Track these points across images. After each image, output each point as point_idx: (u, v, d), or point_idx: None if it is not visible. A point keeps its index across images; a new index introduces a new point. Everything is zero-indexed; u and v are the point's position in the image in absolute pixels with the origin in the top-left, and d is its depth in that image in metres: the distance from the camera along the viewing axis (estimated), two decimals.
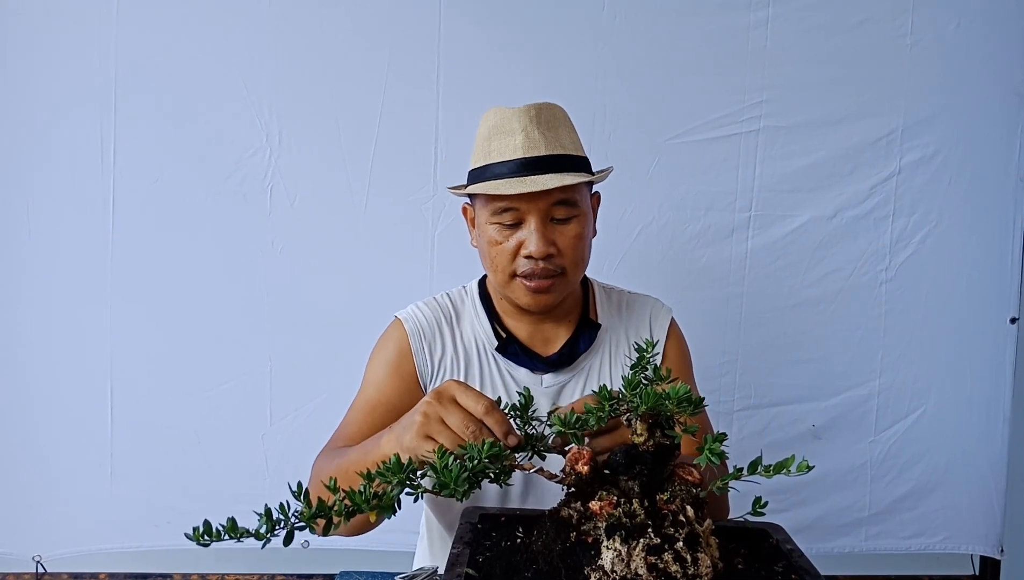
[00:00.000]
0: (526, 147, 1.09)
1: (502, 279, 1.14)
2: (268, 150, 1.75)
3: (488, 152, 1.12)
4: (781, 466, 0.69)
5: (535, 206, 1.08)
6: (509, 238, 1.11)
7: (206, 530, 0.62)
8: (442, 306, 1.25)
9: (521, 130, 1.10)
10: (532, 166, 1.08)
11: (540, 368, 1.20)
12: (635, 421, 0.75)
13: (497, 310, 1.24)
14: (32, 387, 1.79)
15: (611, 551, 0.67)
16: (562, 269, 1.12)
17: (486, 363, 1.21)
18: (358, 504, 0.66)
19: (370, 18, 1.74)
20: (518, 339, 1.21)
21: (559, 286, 1.13)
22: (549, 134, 1.11)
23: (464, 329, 1.23)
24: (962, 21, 1.80)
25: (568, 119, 1.18)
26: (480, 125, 1.17)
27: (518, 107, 1.12)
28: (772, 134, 1.80)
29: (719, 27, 1.78)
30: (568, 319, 1.24)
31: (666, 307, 1.31)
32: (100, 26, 1.71)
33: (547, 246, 1.09)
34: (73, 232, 1.75)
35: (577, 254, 1.13)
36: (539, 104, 1.13)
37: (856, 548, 1.92)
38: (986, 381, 1.89)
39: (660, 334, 1.26)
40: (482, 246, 1.16)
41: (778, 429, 1.88)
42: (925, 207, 1.84)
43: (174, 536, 1.83)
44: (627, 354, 1.24)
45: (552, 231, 1.10)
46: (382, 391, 1.17)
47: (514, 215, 1.10)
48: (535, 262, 1.09)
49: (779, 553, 0.80)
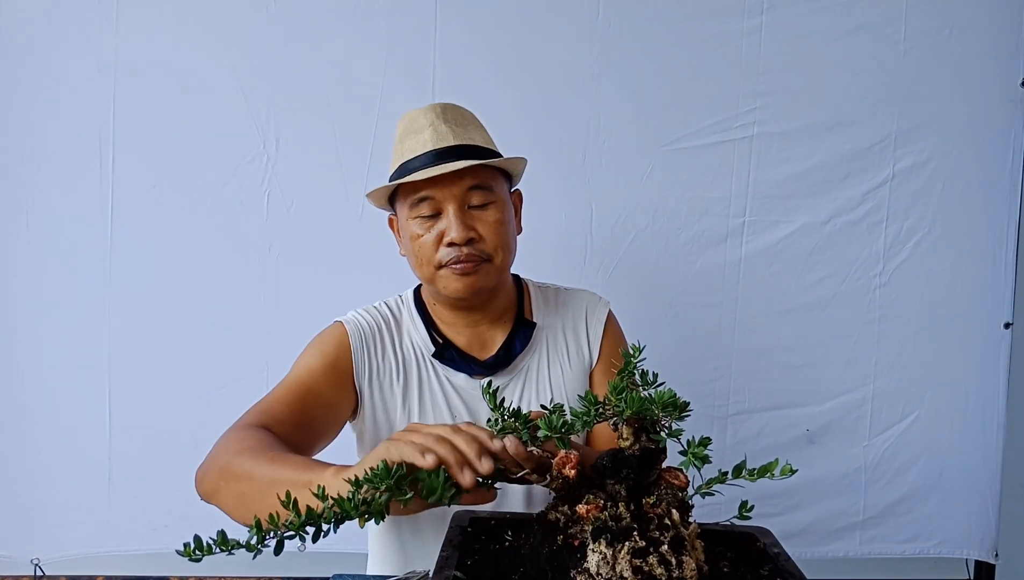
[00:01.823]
0: (435, 140, 1.12)
1: (429, 273, 1.15)
2: (265, 156, 1.77)
3: (401, 153, 1.15)
4: (765, 470, 0.70)
5: (449, 193, 1.10)
6: (430, 229, 1.12)
7: (197, 545, 0.62)
8: (382, 313, 1.26)
9: (429, 125, 1.13)
10: (442, 156, 1.11)
11: (478, 372, 1.21)
12: (621, 425, 0.76)
13: (432, 317, 1.25)
14: (31, 391, 1.80)
15: (597, 554, 0.68)
16: (487, 255, 1.13)
17: (424, 370, 1.22)
18: (347, 511, 0.67)
19: (367, 26, 1.76)
20: (455, 345, 1.23)
21: (486, 270, 1.14)
22: (457, 129, 1.15)
23: (403, 337, 1.24)
24: (954, 28, 1.81)
25: (476, 119, 1.21)
26: (395, 133, 1.20)
27: (424, 106, 1.17)
28: (766, 140, 1.82)
29: (713, 34, 1.79)
30: (503, 320, 1.25)
31: (603, 300, 1.32)
32: (100, 33, 1.72)
33: (466, 231, 1.10)
34: (72, 237, 1.77)
35: (500, 239, 1.14)
36: (445, 104, 1.18)
37: (851, 552, 1.92)
38: (980, 386, 1.90)
39: (597, 327, 1.28)
40: (407, 245, 1.17)
41: (772, 434, 1.89)
42: (919, 213, 1.85)
43: (172, 539, 1.83)
44: (565, 351, 1.26)
45: (470, 217, 1.12)
46: (314, 379, 1.15)
47: (431, 205, 1.11)
48: (458, 249, 1.11)
49: (765, 556, 0.81)
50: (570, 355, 1.26)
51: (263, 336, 1.80)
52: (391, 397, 1.21)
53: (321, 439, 1.13)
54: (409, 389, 1.21)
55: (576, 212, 1.81)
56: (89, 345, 1.78)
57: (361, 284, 1.77)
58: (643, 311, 1.83)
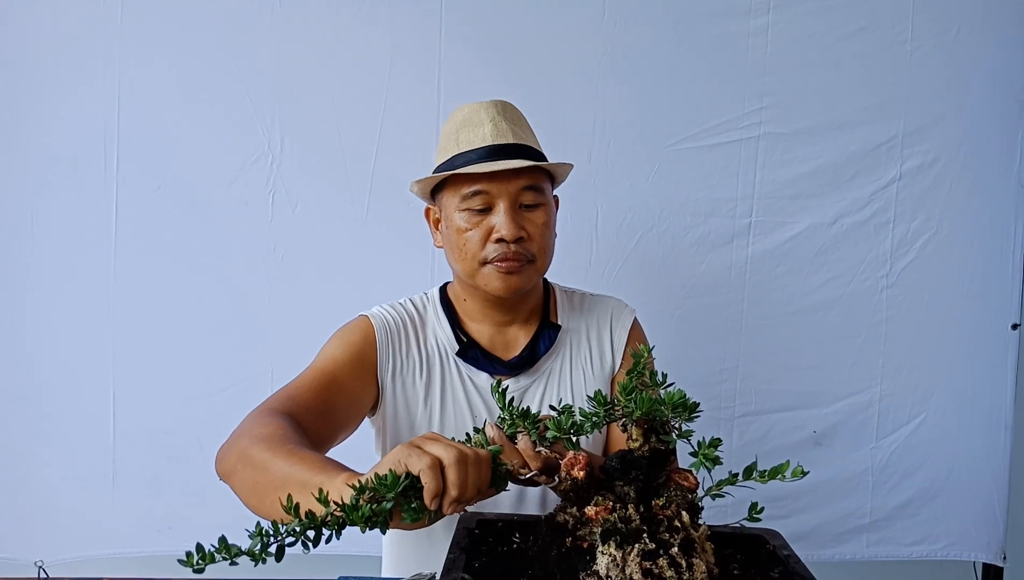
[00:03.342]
0: (495, 135, 1.12)
1: (471, 267, 1.14)
2: (270, 157, 1.76)
3: (457, 142, 1.14)
4: (776, 471, 0.69)
5: (504, 189, 1.10)
6: (479, 225, 1.11)
7: (200, 555, 0.62)
8: (407, 310, 1.25)
9: (489, 120, 1.13)
10: (501, 152, 1.11)
11: (501, 372, 1.20)
12: (631, 426, 0.75)
13: (459, 315, 1.24)
14: (34, 392, 1.79)
15: (606, 556, 0.67)
16: (532, 256, 1.13)
17: (447, 367, 1.21)
18: (352, 519, 0.66)
19: (371, 26, 1.75)
20: (479, 343, 1.22)
21: (528, 272, 1.14)
22: (515, 128, 1.15)
23: (427, 334, 1.24)
24: (962, 27, 1.80)
25: (523, 116, 1.21)
26: (446, 123, 1.20)
27: (484, 101, 1.16)
28: (772, 140, 1.81)
29: (719, 33, 1.78)
30: (529, 322, 1.25)
31: (628, 308, 1.32)
32: (104, 34, 1.72)
33: (518, 229, 1.10)
34: (76, 239, 1.76)
35: (545, 241, 1.15)
36: (503, 101, 1.18)
37: (857, 555, 1.91)
38: (987, 387, 1.89)
39: (622, 333, 1.27)
40: (450, 237, 1.16)
41: (778, 436, 1.88)
42: (926, 213, 1.84)
43: (176, 541, 1.83)
44: (588, 355, 1.25)
45: (521, 217, 1.12)
46: (339, 368, 1.14)
47: (484, 199, 1.10)
48: (507, 246, 1.10)
49: (775, 559, 0.80)
50: (593, 360, 1.26)
51: (268, 338, 1.79)
52: (413, 394, 1.20)
53: (343, 430, 1.12)
54: (432, 386, 1.20)
55: (581, 213, 1.80)
56: (93, 347, 1.78)
57: (366, 285, 1.78)
58: (649, 312, 1.78)
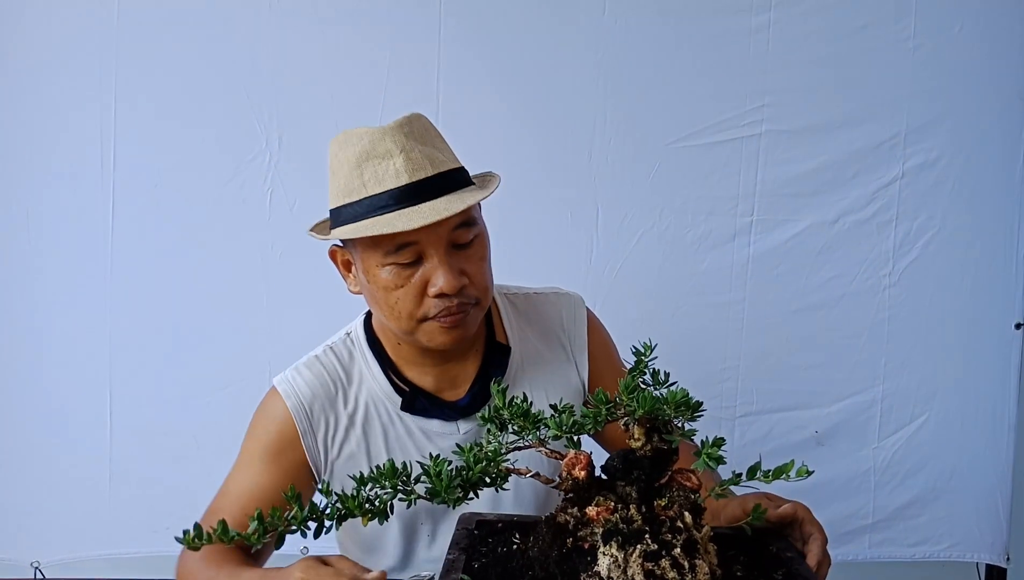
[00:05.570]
0: (409, 169, 0.93)
1: (408, 326, 0.99)
2: (268, 155, 1.75)
3: (363, 182, 0.95)
4: (780, 471, 0.68)
5: (436, 236, 0.94)
6: (410, 278, 0.96)
7: (197, 533, 0.62)
8: (328, 368, 1.09)
9: (399, 151, 0.94)
10: (421, 191, 0.93)
11: (454, 416, 1.08)
12: (632, 426, 0.74)
13: (392, 358, 1.09)
14: (31, 392, 1.78)
15: (608, 557, 0.66)
16: (475, 299, 1.00)
17: (391, 425, 1.08)
18: (351, 509, 0.66)
19: (370, 24, 1.74)
20: (423, 390, 1.08)
21: (474, 314, 1.01)
22: (426, 148, 0.96)
23: (359, 392, 1.09)
24: (964, 25, 1.79)
25: (433, 125, 1.04)
26: (336, 154, 1.01)
27: (385, 126, 0.97)
28: (774, 138, 1.80)
29: (720, 31, 1.77)
30: (474, 350, 1.11)
31: (575, 298, 1.19)
32: (101, 31, 1.71)
33: (458, 278, 0.95)
34: (73, 237, 1.75)
35: (486, 278, 1.01)
36: (405, 117, 0.99)
37: (859, 556, 1.90)
38: (991, 387, 1.87)
39: (580, 332, 1.16)
40: (375, 293, 1.00)
41: (780, 435, 1.87)
42: (928, 212, 1.83)
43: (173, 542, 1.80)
44: (547, 369, 1.14)
45: (458, 259, 0.97)
46: (257, 483, 1.05)
47: (412, 251, 0.95)
48: (448, 299, 0.95)
49: (779, 560, 0.79)
50: (554, 372, 1.15)
51: (266, 336, 1.78)
52: (355, 461, 1.08)
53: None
54: (375, 449, 1.08)
55: (582, 211, 1.79)
56: (90, 345, 1.77)
57: None
58: (649, 311, 1.81)
